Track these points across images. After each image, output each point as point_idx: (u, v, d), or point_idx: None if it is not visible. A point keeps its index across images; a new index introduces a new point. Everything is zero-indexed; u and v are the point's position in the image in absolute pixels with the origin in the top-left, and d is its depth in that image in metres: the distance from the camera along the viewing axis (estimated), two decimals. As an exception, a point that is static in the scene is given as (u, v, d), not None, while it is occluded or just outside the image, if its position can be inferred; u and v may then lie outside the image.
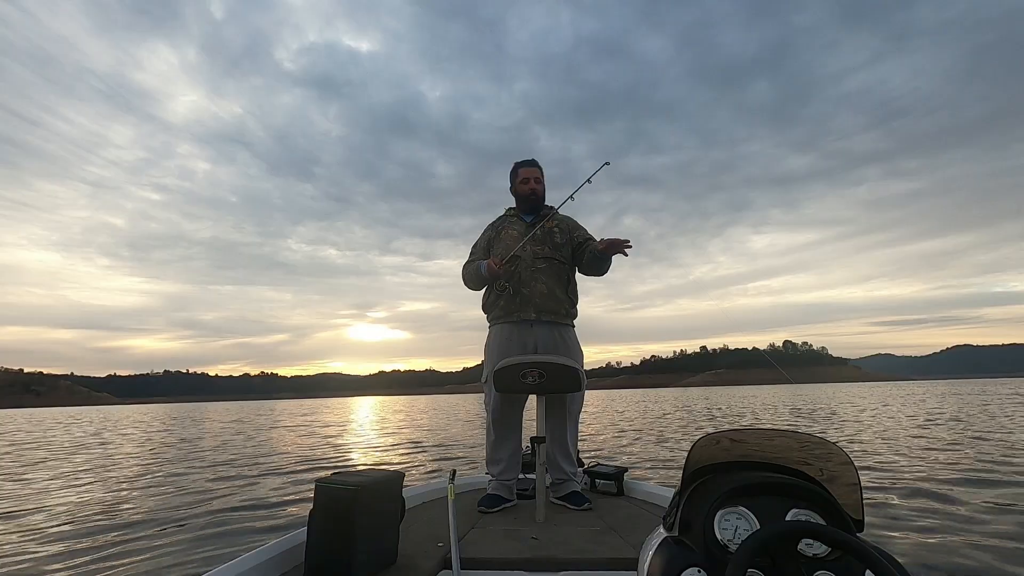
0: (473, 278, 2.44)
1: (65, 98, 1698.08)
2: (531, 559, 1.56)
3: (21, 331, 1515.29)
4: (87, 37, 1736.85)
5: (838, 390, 47.12)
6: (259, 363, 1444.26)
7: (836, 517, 0.79)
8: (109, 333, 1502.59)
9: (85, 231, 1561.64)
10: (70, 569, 2.82)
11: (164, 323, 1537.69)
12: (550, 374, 2.06)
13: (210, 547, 3.09)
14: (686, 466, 0.90)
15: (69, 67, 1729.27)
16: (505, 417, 2.34)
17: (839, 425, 10.03)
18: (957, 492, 3.96)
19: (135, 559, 2.94)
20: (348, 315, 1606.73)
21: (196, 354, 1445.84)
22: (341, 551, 1.37)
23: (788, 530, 0.71)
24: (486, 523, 1.98)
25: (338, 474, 1.52)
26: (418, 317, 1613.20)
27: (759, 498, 0.82)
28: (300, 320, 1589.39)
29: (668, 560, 0.79)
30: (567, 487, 2.29)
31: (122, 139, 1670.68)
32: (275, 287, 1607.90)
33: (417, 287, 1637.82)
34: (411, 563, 1.52)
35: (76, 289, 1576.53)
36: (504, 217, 2.55)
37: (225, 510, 4.10)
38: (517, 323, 2.34)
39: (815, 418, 11.97)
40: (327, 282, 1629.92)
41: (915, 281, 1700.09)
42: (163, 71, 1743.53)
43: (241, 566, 1.34)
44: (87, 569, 2.81)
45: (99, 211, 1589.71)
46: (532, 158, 2.56)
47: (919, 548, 2.76)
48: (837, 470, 0.87)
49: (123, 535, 3.44)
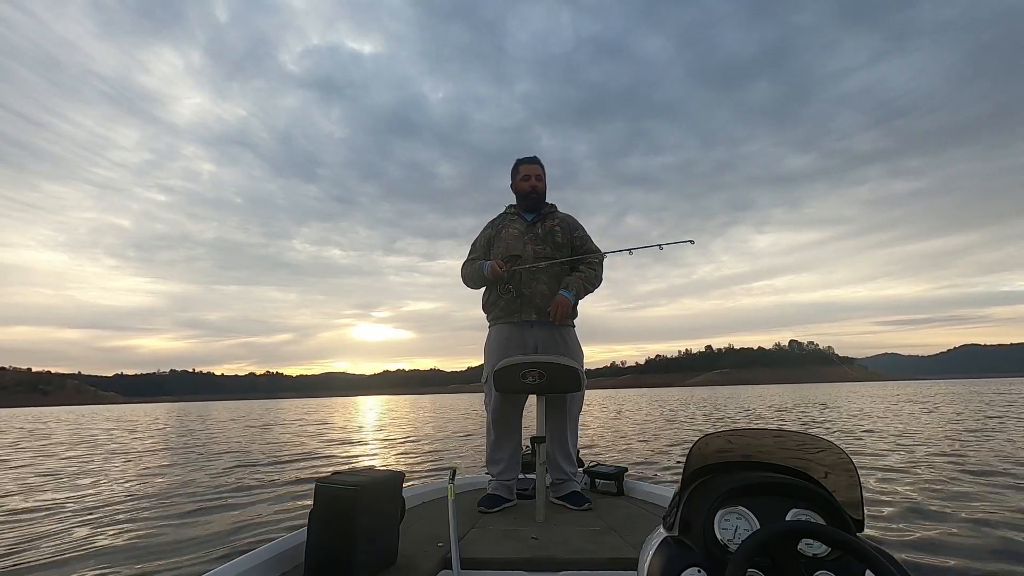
0: (474, 278, 2.43)
1: (71, 101, 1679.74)
2: (531, 559, 1.56)
3: (29, 331, 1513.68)
4: (92, 41, 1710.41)
5: (844, 390, 46.85)
6: (264, 363, 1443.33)
7: (836, 517, 0.79)
8: (116, 333, 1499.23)
9: (91, 232, 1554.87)
10: (69, 569, 2.83)
11: (170, 323, 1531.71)
12: (550, 374, 2.06)
13: (210, 547, 3.09)
14: (686, 466, 0.90)
15: (75, 70, 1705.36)
16: (505, 417, 2.33)
17: (843, 425, 9.97)
18: (958, 492, 3.93)
19: (135, 559, 2.94)
20: (352, 315, 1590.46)
21: (201, 354, 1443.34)
22: (341, 551, 1.37)
23: (788, 530, 0.71)
24: (486, 523, 1.98)
25: (338, 474, 1.52)
26: (422, 317, 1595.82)
27: (759, 498, 0.82)
28: (304, 320, 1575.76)
29: (668, 560, 0.79)
30: (567, 487, 2.29)
31: (127, 141, 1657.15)
32: (280, 287, 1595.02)
33: (420, 287, 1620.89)
34: (411, 563, 1.52)
35: (83, 289, 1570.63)
36: (504, 215, 2.54)
37: (225, 510, 4.11)
38: (517, 323, 2.33)
39: (819, 418, 11.91)
40: (331, 282, 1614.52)
41: (920, 280, 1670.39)
42: (168, 74, 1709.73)
43: (241, 566, 1.34)
44: (86, 569, 2.81)
45: (105, 212, 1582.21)
46: (534, 155, 2.55)
47: (919, 548, 2.74)
48: (837, 470, 0.87)
49: (123, 535, 3.44)
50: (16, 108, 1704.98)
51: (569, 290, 2.31)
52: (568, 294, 2.30)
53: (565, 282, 2.34)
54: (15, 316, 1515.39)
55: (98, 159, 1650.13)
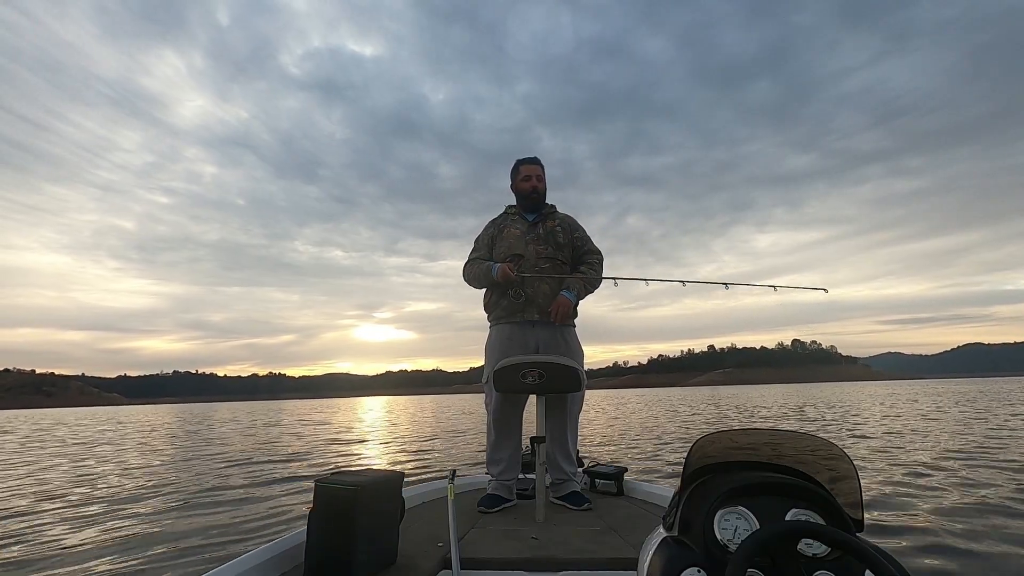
0: (479, 278, 2.42)
1: (74, 104, 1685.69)
2: (531, 559, 1.55)
3: (32, 333, 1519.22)
4: (95, 44, 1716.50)
5: (848, 389, 46.69)
6: (267, 363, 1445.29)
7: (836, 517, 0.79)
8: (119, 334, 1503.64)
9: (94, 234, 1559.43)
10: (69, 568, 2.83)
11: (172, 324, 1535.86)
12: (550, 374, 2.06)
13: (210, 546, 3.10)
14: (686, 466, 0.90)
15: (77, 73, 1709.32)
16: (505, 417, 2.33)
17: (845, 425, 9.94)
18: (960, 493, 3.91)
19: (135, 558, 2.94)
20: (354, 315, 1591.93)
21: (204, 355, 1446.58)
22: (341, 551, 1.36)
23: (788, 530, 0.71)
24: (486, 523, 1.98)
25: (338, 474, 1.52)
26: (424, 317, 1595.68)
27: (759, 498, 0.83)
28: (307, 321, 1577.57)
29: (668, 560, 0.79)
30: (567, 487, 2.29)
31: (130, 143, 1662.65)
32: (282, 288, 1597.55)
33: (422, 287, 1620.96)
34: (411, 563, 1.52)
35: (86, 291, 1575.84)
36: (505, 215, 2.54)
37: (225, 510, 4.11)
38: (519, 323, 2.34)
39: (822, 417, 11.88)
40: (333, 283, 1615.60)
41: (922, 279, 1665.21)
42: (170, 77, 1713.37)
43: (241, 566, 1.34)
44: (86, 568, 2.82)
45: (108, 214, 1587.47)
46: (534, 155, 2.55)
47: (920, 548, 2.73)
48: (837, 470, 0.87)
49: (123, 535, 3.45)
50: (19, 111, 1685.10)
51: (570, 291, 2.33)
52: (569, 295, 2.32)
53: (566, 283, 2.35)
54: (19, 318, 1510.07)
55: (100, 161, 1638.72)
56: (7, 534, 3.58)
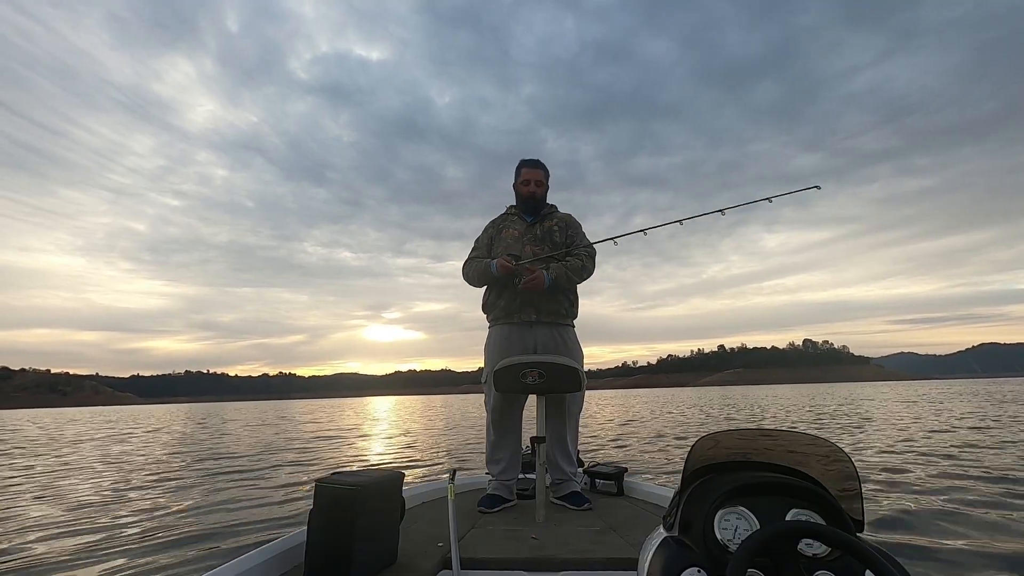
0: (479, 276, 2.43)
1: (87, 109, 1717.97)
2: (531, 559, 1.55)
3: (48, 333, 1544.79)
4: (108, 51, 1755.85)
5: (861, 389, 46.11)
6: (277, 363, 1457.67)
7: (836, 517, 0.79)
8: (132, 335, 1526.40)
9: (108, 236, 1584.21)
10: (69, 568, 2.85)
11: (184, 325, 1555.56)
12: (550, 374, 2.06)
13: (210, 546, 3.10)
14: (686, 466, 0.90)
15: (91, 80, 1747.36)
16: (505, 417, 2.33)
17: (850, 425, 9.81)
18: (961, 493, 3.84)
19: (135, 558, 2.94)
20: (363, 316, 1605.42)
21: (215, 355, 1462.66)
22: (341, 551, 1.36)
23: (788, 530, 0.70)
24: (486, 523, 1.98)
25: (338, 474, 1.52)
26: (432, 317, 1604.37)
27: (759, 498, 0.82)
28: (316, 321, 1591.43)
29: (668, 560, 0.79)
30: (567, 487, 2.28)
31: (142, 148, 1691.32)
32: (291, 289, 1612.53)
33: (430, 288, 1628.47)
34: (411, 563, 1.52)
35: (100, 292, 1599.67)
36: (505, 216, 2.55)
37: (225, 509, 4.12)
38: (518, 324, 2.33)
39: (831, 418, 11.73)
40: (342, 284, 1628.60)
41: (934, 279, 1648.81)
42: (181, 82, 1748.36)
43: (241, 566, 1.34)
44: (86, 568, 2.83)
45: (121, 217, 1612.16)
46: (537, 159, 2.55)
47: (920, 549, 2.69)
48: (837, 470, 0.87)
49: (123, 535, 3.46)
50: (35, 117, 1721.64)
51: (549, 273, 2.28)
52: (547, 275, 2.27)
53: (551, 268, 2.31)
54: (34, 319, 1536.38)
55: (114, 165, 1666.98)
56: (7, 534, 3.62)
